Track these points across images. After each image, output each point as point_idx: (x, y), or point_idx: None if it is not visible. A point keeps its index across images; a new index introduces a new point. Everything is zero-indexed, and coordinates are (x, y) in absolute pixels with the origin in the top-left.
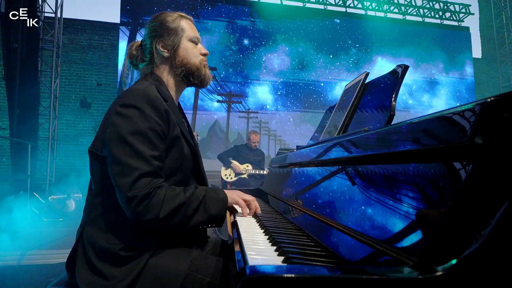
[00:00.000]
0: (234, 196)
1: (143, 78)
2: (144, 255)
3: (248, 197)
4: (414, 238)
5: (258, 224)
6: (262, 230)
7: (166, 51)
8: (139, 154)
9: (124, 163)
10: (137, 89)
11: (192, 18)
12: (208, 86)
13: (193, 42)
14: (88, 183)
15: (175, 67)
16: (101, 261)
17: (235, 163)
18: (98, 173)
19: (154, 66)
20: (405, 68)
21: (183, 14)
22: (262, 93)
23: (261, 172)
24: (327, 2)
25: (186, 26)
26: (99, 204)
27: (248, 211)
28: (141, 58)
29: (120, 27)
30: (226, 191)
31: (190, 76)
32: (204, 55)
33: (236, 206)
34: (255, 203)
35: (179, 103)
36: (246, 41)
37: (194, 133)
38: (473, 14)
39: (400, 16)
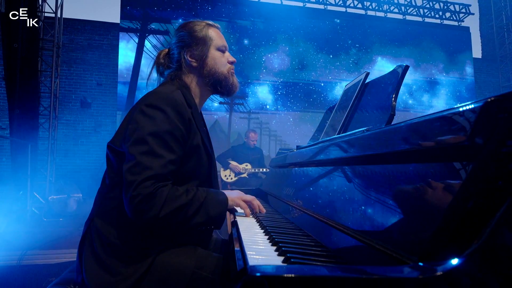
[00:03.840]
0: (234, 198)
1: (170, 81)
2: (151, 253)
3: (249, 197)
4: (414, 238)
5: (258, 224)
6: (262, 230)
7: (194, 60)
8: (155, 155)
9: (138, 161)
10: (164, 92)
11: (219, 26)
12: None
13: (220, 50)
14: (102, 178)
15: (203, 76)
16: (108, 256)
17: (233, 163)
18: (115, 168)
19: (182, 74)
20: (405, 68)
21: (210, 22)
22: (262, 93)
23: (261, 170)
24: (327, 2)
25: (214, 34)
26: (112, 198)
27: (249, 211)
28: (168, 65)
29: (120, 27)
30: (226, 192)
31: (218, 85)
32: (232, 63)
33: (237, 208)
34: (256, 202)
35: (201, 112)
36: (246, 41)
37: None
38: (473, 14)
39: (400, 16)
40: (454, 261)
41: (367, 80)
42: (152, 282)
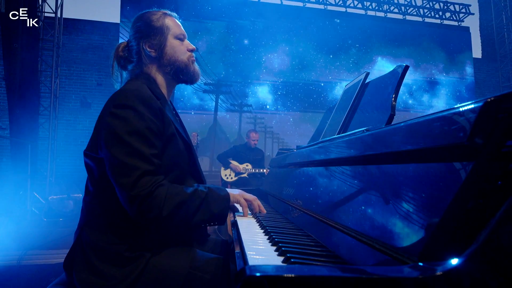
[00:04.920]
0: (236, 195)
1: (134, 78)
2: (145, 255)
3: (250, 196)
4: (414, 238)
5: (258, 224)
6: (262, 230)
7: (153, 50)
8: (139, 153)
9: (124, 163)
10: (130, 89)
11: (176, 15)
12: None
13: (179, 39)
14: (84, 186)
15: (163, 65)
16: (102, 262)
17: (234, 163)
18: (96, 175)
19: (143, 66)
20: (405, 68)
21: (166, 11)
22: (262, 93)
23: (261, 170)
24: (327, 2)
25: (171, 23)
26: (98, 205)
27: (248, 211)
28: (129, 59)
29: (120, 27)
30: (228, 190)
31: (179, 74)
32: (191, 50)
33: (237, 206)
34: (257, 202)
35: (170, 101)
36: (246, 41)
37: (193, 134)
38: (473, 14)
39: (400, 16)
40: (454, 261)
41: (367, 80)
42: (147, 284)
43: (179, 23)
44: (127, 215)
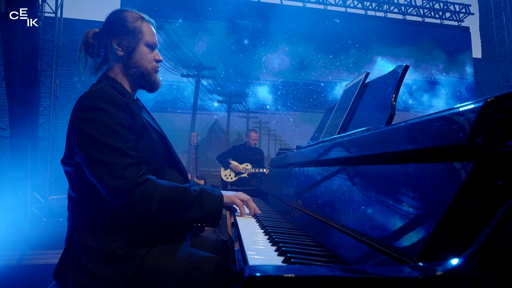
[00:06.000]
0: (230, 196)
1: (97, 81)
2: (139, 252)
3: (245, 196)
4: (414, 238)
5: (258, 224)
6: (262, 230)
7: (120, 49)
8: (116, 149)
9: (104, 161)
10: (93, 90)
11: (154, 22)
12: (208, 86)
13: (149, 47)
14: (67, 195)
15: (127, 67)
16: (95, 263)
17: (234, 163)
18: (76, 180)
19: (108, 65)
20: (405, 68)
21: (145, 16)
22: (262, 93)
23: (261, 170)
24: (327, 2)
25: (146, 30)
26: (83, 209)
27: (245, 210)
28: (97, 51)
29: None
30: (222, 191)
31: (141, 79)
32: (158, 61)
33: (236, 207)
34: (252, 203)
35: (137, 98)
36: (246, 41)
37: (193, 134)
38: (473, 14)
39: (400, 16)
40: (454, 261)
41: (367, 80)
42: (142, 285)
43: (154, 32)
44: (115, 213)
